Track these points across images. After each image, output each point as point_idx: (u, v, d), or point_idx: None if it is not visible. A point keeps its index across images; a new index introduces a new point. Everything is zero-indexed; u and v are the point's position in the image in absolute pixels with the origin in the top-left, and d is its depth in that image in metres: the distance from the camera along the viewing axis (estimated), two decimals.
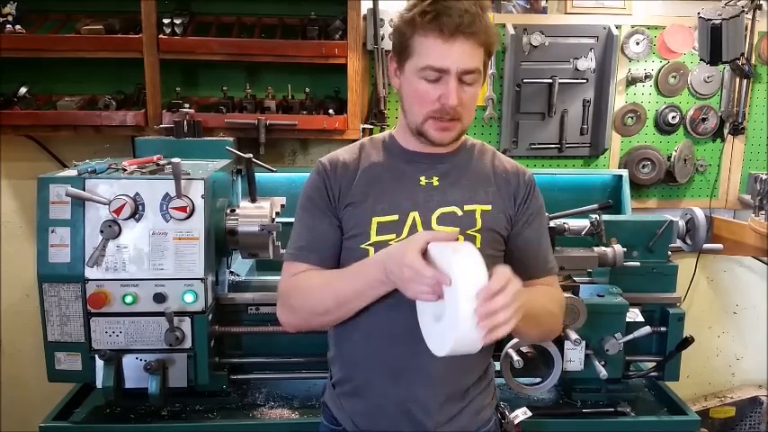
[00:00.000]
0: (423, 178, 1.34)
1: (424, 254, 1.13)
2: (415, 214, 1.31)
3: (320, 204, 1.35)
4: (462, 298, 1.04)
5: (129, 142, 2.29)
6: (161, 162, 1.84)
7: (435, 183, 1.34)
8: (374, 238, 1.30)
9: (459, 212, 1.32)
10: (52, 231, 1.66)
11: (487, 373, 1.44)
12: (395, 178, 1.35)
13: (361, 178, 1.35)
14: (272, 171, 2.03)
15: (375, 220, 1.31)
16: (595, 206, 1.98)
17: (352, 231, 1.33)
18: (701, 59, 2.35)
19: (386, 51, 2.38)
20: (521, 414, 1.58)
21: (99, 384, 1.69)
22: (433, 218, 1.31)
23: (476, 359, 1.38)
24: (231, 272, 2.00)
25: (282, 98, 2.41)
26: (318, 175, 1.37)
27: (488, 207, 1.34)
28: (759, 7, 2.44)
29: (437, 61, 1.22)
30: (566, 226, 1.97)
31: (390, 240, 1.29)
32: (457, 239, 1.19)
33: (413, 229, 1.30)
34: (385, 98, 2.43)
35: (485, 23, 1.24)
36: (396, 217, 1.31)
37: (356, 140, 1.46)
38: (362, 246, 1.31)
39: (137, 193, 1.67)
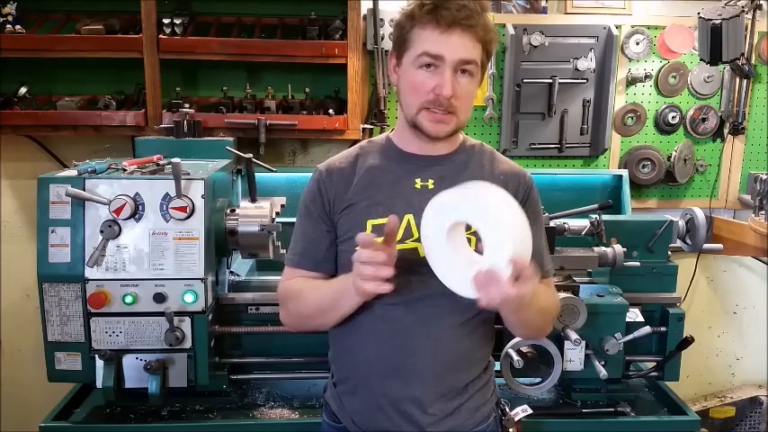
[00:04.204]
0: (419, 181, 1.34)
1: None
2: (409, 217, 1.31)
3: (315, 212, 1.37)
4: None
5: (129, 142, 2.29)
6: (161, 162, 1.84)
7: (431, 186, 1.34)
8: None
9: None
10: (52, 231, 1.66)
11: (487, 371, 1.44)
12: (391, 180, 1.35)
13: (358, 181, 1.36)
14: (272, 171, 2.03)
15: (370, 222, 1.32)
16: (595, 206, 1.97)
17: (349, 233, 1.33)
18: (701, 59, 2.35)
19: (386, 51, 2.38)
20: (521, 411, 1.59)
21: (99, 384, 1.69)
22: None
23: (474, 357, 1.39)
24: (231, 272, 2.00)
25: (282, 98, 2.41)
26: (315, 183, 1.39)
27: None
28: (759, 7, 2.44)
29: (433, 47, 1.24)
30: (566, 226, 1.97)
31: None
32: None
33: (407, 232, 1.30)
34: (385, 98, 2.43)
35: (483, 21, 1.25)
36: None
37: (356, 141, 1.47)
38: (357, 248, 1.31)
39: (137, 193, 1.67)
